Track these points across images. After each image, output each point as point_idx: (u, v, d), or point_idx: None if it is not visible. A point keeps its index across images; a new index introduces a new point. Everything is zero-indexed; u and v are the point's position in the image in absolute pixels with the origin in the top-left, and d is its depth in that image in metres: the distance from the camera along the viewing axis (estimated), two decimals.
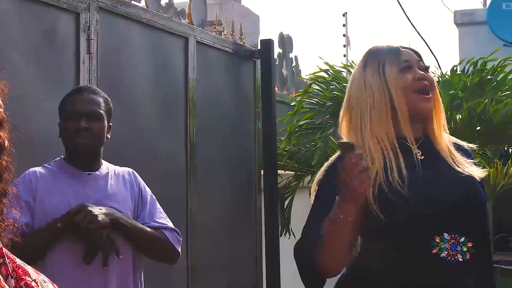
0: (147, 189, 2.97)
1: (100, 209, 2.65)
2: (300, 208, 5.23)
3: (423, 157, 2.24)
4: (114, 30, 3.95)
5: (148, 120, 4.23)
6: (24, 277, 1.33)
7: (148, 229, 2.82)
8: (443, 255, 2.14)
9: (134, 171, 2.98)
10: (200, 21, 4.96)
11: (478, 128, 5.66)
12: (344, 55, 10.09)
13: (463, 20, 12.02)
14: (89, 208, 2.62)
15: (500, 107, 5.57)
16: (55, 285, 1.42)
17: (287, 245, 5.21)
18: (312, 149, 6.02)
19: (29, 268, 1.38)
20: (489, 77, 6.06)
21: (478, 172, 2.24)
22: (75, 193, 2.71)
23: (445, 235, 2.15)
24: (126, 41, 4.06)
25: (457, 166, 2.24)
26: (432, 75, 2.33)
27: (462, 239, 2.17)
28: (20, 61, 3.20)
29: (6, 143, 1.39)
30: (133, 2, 4.14)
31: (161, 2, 4.51)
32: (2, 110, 1.40)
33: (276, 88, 6.24)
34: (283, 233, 6.01)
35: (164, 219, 2.92)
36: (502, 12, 11.28)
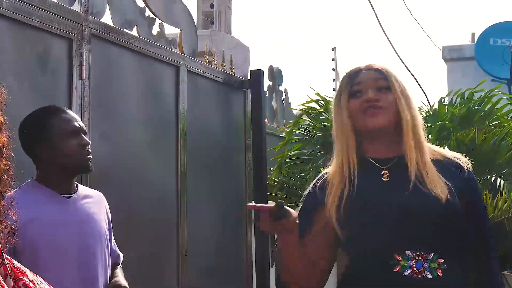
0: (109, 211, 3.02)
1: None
2: None
3: (389, 178, 2.28)
4: (106, 56, 3.98)
5: (139, 146, 4.25)
6: (22, 278, 1.35)
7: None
8: (407, 273, 2.15)
9: (102, 194, 2.98)
10: (191, 51, 5.01)
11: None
12: (334, 89, 10.14)
13: (452, 55, 12.17)
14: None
15: (488, 136, 5.62)
16: (52, 287, 1.44)
17: None
18: (302, 180, 6.04)
19: (26, 270, 1.40)
20: (476, 107, 6.13)
21: (444, 193, 2.21)
22: (58, 216, 2.68)
23: (407, 252, 2.16)
24: (118, 67, 4.09)
25: (427, 186, 2.23)
26: (390, 97, 2.33)
27: (431, 256, 2.17)
28: (13, 84, 3.21)
29: (5, 147, 1.42)
30: (125, 30, 4.18)
31: (152, 31, 4.55)
32: (0, 114, 1.42)
33: (266, 121, 6.28)
34: (274, 264, 6.00)
35: (115, 245, 3.05)
36: (489, 48, 11.43)
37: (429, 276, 2.15)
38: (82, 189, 2.85)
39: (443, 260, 2.18)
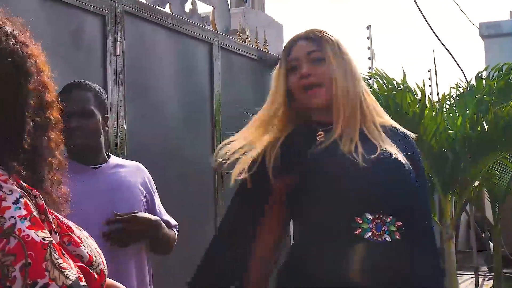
0: (153, 182, 2.96)
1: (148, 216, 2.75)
2: None
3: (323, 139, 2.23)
4: (140, 33, 4.00)
5: (175, 122, 4.26)
6: (69, 233, 1.39)
7: (169, 231, 2.89)
8: (367, 235, 2.10)
9: (142, 165, 2.96)
10: (224, 28, 5.01)
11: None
12: (369, 68, 10.03)
13: (489, 32, 12.00)
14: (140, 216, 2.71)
15: None
16: (94, 241, 1.50)
17: None
18: None
19: (72, 225, 1.44)
20: None
21: (397, 155, 2.18)
22: (84, 187, 2.62)
23: (368, 215, 2.11)
24: (151, 44, 4.11)
25: (378, 147, 2.19)
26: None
27: (389, 219, 2.11)
28: (48, 61, 3.24)
29: (57, 121, 1.48)
30: (157, 7, 4.20)
31: (185, 9, 4.56)
32: (54, 93, 1.49)
33: None
34: None
35: (167, 215, 2.98)
36: None
37: (388, 239, 2.10)
38: (115, 160, 2.84)
39: (401, 223, 2.12)
